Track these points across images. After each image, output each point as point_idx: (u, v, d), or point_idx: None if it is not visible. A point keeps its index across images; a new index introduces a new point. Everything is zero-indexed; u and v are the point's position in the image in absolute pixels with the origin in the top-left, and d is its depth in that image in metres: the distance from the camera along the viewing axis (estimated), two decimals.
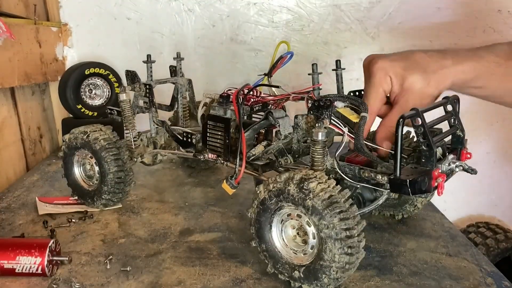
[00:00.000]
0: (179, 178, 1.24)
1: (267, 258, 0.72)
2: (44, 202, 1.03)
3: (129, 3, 1.54)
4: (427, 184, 0.62)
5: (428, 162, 0.64)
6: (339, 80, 0.90)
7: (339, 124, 0.73)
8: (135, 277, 0.73)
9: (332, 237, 0.62)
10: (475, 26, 1.50)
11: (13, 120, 1.31)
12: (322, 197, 0.63)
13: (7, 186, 1.17)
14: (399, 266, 0.78)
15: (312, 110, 0.73)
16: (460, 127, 0.73)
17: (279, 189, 0.67)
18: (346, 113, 0.76)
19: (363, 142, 0.71)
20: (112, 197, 0.97)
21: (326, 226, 0.62)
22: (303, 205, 0.64)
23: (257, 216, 0.72)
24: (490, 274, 0.76)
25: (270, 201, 0.69)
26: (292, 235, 0.71)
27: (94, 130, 0.96)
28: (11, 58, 1.21)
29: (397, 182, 0.63)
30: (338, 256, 0.62)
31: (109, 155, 0.93)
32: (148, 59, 1.07)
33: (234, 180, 0.79)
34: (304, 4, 1.53)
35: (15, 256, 0.71)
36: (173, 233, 0.90)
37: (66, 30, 1.56)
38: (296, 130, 0.79)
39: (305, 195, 0.64)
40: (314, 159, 0.71)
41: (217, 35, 1.57)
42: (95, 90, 1.48)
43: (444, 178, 0.64)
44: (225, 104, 0.87)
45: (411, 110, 0.63)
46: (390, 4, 1.51)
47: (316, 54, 1.54)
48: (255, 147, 0.83)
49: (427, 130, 0.63)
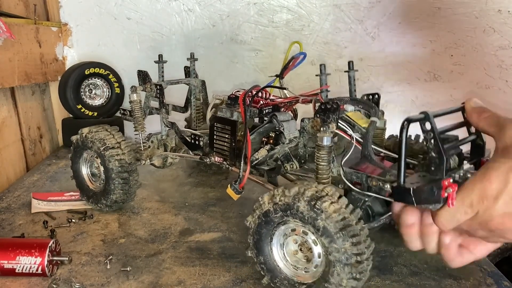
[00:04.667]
0: (179, 178, 1.24)
1: (264, 271, 0.69)
2: (38, 199, 1.03)
3: (129, 3, 1.54)
4: (436, 194, 0.57)
5: (438, 170, 0.59)
6: (352, 82, 0.86)
7: (347, 129, 0.69)
8: (135, 277, 0.73)
9: (342, 262, 0.59)
10: (475, 26, 1.50)
11: (13, 120, 1.31)
12: (335, 219, 0.59)
13: (7, 186, 1.17)
14: (400, 266, 0.78)
15: (318, 113, 0.70)
16: (480, 135, 0.67)
17: (286, 204, 0.63)
18: (355, 117, 0.72)
19: (371, 149, 0.68)
20: (117, 199, 0.95)
21: (337, 250, 0.59)
22: (313, 225, 0.61)
23: (258, 228, 0.68)
24: (490, 274, 0.76)
25: (275, 214, 0.65)
26: (293, 249, 0.68)
27: (99, 131, 0.95)
28: (11, 58, 1.21)
29: (400, 191, 0.58)
30: (346, 281, 0.60)
31: (114, 155, 0.92)
32: (160, 59, 1.04)
33: (238, 185, 0.76)
34: (304, 4, 1.53)
35: (15, 256, 0.71)
36: (173, 233, 0.90)
37: (66, 30, 1.56)
38: (302, 134, 0.76)
39: (317, 215, 0.60)
40: (319, 166, 0.68)
41: (217, 35, 1.57)
42: (95, 90, 1.48)
43: (455, 188, 0.57)
44: (233, 106, 0.84)
45: (420, 113, 0.58)
46: (390, 4, 1.51)
47: (316, 54, 1.54)
48: (258, 151, 0.80)
49: (437, 136, 0.58)
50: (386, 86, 1.58)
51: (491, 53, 1.50)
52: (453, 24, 1.51)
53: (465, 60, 1.53)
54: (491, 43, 1.50)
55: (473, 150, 0.68)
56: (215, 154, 0.86)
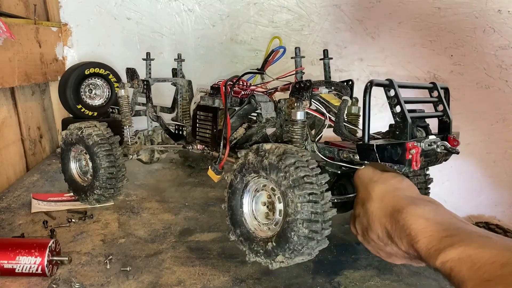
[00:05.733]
0: (179, 178, 1.24)
1: (243, 243, 0.70)
2: (38, 199, 1.03)
3: (129, 3, 1.54)
4: (400, 155, 0.59)
5: (402, 134, 0.61)
6: (327, 69, 0.90)
7: (320, 107, 0.74)
8: (135, 277, 0.73)
9: (291, 186, 0.60)
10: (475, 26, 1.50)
11: (13, 120, 1.31)
12: (276, 153, 0.63)
13: (7, 186, 1.17)
14: (399, 266, 0.78)
15: (293, 92, 0.73)
16: (447, 113, 0.71)
17: (241, 164, 0.68)
18: (328, 97, 0.76)
19: (343, 125, 0.71)
20: (104, 193, 0.97)
21: (283, 177, 0.61)
22: (262, 167, 0.64)
23: (229, 202, 0.71)
24: None
25: (236, 180, 0.69)
26: (264, 212, 0.70)
27: (88, 126, 0.97)
28: (11, 58, 1.21)
29: (364, 147, 0.61)
30: (300, 205, 0.59)
31: (101, 150, 0.94)
32: (148, 57, 1.08)
33: (218, 165, 0.79)
34: (304, 4, 1.53)
35: (15, 256, 0.71)
36: (173, 233, 0.90)
37: (66, 30, 1.56)
38: (279, 115, 0.80)
39: (262, 157, 0.65)
40: (293, 140, 0.71)
41: (217, 35, 1.57)
42: (95, 90, 1.48)
43: (419, 150, 0.60)
44: (215, 95, 0.88)
45: (385, 80, 0.61)
46: (390, 4, 1.51)
47: (316, 54, 1.54)
48: (236, 131, 0.84)
49: (401, 100, 0.61)
50: None
51: (491, 53, 1.50)
52: (453, 24, 1.51)
53: (465, 60, 1.53)
54: (491, 43, 1.50)
55: (440, 127, 0.71)
56: (197, 142, 0.90)
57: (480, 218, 1.69)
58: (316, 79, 0.83)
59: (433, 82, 0.71)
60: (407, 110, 0.61)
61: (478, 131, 1.62)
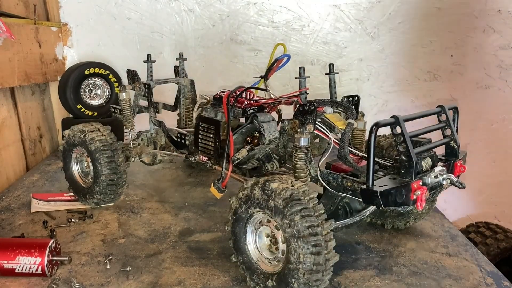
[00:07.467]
0: (179, 178, 1.24)
1: (245, 271, 0.70)
2: (38, 199, 1.03)
3: (129, 3, 1.54)
4: (404, 196, 0.59)
5: (407, 173, 0.60)
6: (332, 84, 0.87)
7: (325, 130, 0.71)
8: (135, 277, 0.73)
9: (295, 236, 0.60)
10: (475, 26, 1.50)
11: (13, 120, 1.31)
12: (283, 196, 0.61)
13: (7, 186, 1.17)
14: (399, 266, 0.78)
15: (297, 115, 0.72)
16: (454, 138, 0.69)
17: (246, 195, 0.66)
18: (333, 119, 0.74)
19: (347, 150, 0.69)
20: (104, 198, 0.98)
21: (288, 224, 0.60)
22: (267, 207, 0.62)
23: (232, 228, 0.70)
24: (490, 274, 0.76)
25: (241, 209, 0.67)
26: (266, 244, 0.69)
27: (91, 130, 0.96)
28: (11, 58, 1.21)
29: (368, 193, 0.60)
30: (303, 256, 0.59)
31: (103, 157, 0.93)
32: (149, 59, 1.06)
33: (221, 183, 0.77)
34: (304, 4, 1.53)
35: (15, 256, 0.71)
36: (173, 233, 0.90)
37: (66, 30, 1.56)
38: (282, 135, 0.78)
39: (268, 196, 0.62)
40: (297, 166, 0.70)
41: (217, 35, 1.57)
42: (95, 90, 1.48)
43: (424, 191, 0.59)
44: (217, 106, 0.86)
45: (390, 117, 0.60)
46: (390, 4, 1.51)
47: (316, 54, 1.54)
48: (239, 151, 0.82)
49: (407, 139, 0.60)
50: (386, 86, 1.58)
51: (491, 53, 1.51)
52: (453, 24, 1.51)
53: (465, 60, 1.53)
54: (491, 43, 1.50)
55: (447, 152, 0.70)
56: (200, 153, 0.88)
57: (480, 218, 1.69)
58: (315, 79, 0.81)
59: (441, 106, 0.69)
60: (412, 146, 0.60)
61: (478, 131, 1.62)
